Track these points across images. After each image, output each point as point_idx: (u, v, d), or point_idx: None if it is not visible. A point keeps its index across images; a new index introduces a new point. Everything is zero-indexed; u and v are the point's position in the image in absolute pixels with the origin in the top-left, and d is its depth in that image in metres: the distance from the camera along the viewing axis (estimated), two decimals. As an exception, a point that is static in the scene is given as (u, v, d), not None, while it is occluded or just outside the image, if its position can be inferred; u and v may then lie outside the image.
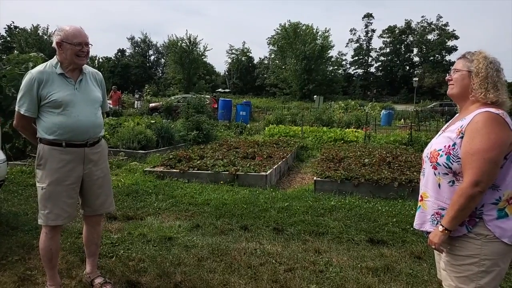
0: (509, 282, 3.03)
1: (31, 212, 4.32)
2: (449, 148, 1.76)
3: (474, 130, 1.68)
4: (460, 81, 1.85)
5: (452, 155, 1.74)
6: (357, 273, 3.11)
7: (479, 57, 1.80)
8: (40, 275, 2.91)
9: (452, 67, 1.92)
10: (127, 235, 3.81)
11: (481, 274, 1.72)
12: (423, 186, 1.94)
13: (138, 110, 20.13)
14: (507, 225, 1.70)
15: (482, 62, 1.78)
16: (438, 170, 1.80)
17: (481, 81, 1.76)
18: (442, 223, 1.75)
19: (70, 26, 2.54)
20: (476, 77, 1.78)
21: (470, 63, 1.82)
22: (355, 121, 16.50)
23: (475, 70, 1.78)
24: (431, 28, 61.14)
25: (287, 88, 52.54)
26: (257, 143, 9.62)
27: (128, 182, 5.88)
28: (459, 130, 1.75)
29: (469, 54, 1.86)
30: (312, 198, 5.32)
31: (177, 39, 48.56)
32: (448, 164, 1.75)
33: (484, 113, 1.69)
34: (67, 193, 2.57)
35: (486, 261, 1.71)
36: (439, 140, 1.86)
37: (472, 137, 1.68)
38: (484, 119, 1.68)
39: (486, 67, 1.76)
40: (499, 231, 1.69)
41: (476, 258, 1.72)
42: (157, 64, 71.19)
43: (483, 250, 1.71)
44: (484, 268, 1.72)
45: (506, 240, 1.70)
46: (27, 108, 2.50)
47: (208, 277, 3.00)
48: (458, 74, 1.86)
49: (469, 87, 1.81)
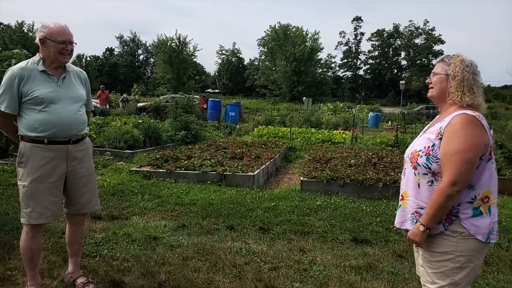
0: (486, 279, 3.10)
1: (12, 212, 4.26)
2: (428, 149, 1.81)
3: (452, 132, 1.74)
4: (438, 84, 1.91)
5: (432, 156, 1.79)
6: (340, 272, 3.14)
7: (456, 61, 1.85)
8: (21, 275, 2.87)
9: (432, 71, 1.98)
10: (112, 235, 3.78)
11: (456, 270, 1.78)
12: (403, 185, 1.98)
13: (125, 110, 19.97)
14: (481, 223, 1.76)
15: (458, 66, 1.83)
16: (418, 170, 1.85)
17: (457, 84, 1.82)
18: (422, 222, 1.79)
19: (54, 23, 2.52)
20: (452, 80, 1.84)
21: (447, 67, 1.87)
22: (343, 123, 16.61)
23: (452, 74, 1.84)
24: (418, 32, 62.14)
25: (277, 90, 52.71)
26: (245, 143, 9.63)
27: (114, 182, 5.82)
28: (438, 132, 1.81)
29: (447, 57, 1.92)
30: (299, 198, 5.35)
31: (167, 39, 48.25)
32: (428, 165, 1.80)
33: (461, 115, 1.75)
34: (50, 191, 2.54)
35: (461, 257, 1.77)
36: (420, 141, 1.92)
37: (450, 139, 1.74)
38: (461, 121, 1.74)
39: (462, 70, 1.82)
40: (474, 229, 1.75)
41: (452, 255, 1.78)
42: (146, 64, 70.70)
43: (458, 247, 1.76)
44: (459, 264, 1.77)
45: (480, 237, 1.75)
46: (8, 105, 2.47)
47: (193, 276, 3.00)
48: (437, 78, 1.92)
49: (446, 90, 1.87)
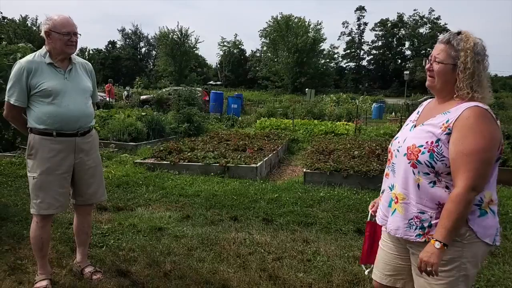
0: (491, 271, 3.13)
1: (21, 203, 4.32)
2: (432, 144, 1.57)
3: (466, 128, 1.51)
4: (442, 76, 1.62)
5: (436, 153, 1.55)
6: (344, 262, 3.18)
7: (467, 47, 1.56)
8: (31, 264, 2.93)
9: (433, 53, 1.66)
10: (118, 226, 3.84)
11: (462, 278, 1.58)
12: (399, 186, 1.70)
13: (128, 103, 20.09)
14: (487, 223, 1.57)
15: (470, 55, 1.55)
16: (418, 169, 1.60)
17: (468, 78, 1.56)
18: (438, 238, 1.50)
19: (58, 15, 2.54)
20: (462, 73, 1.57)
21: (455, 53, 1.58)
22: (346, 114, 16.60)
23: (463, 66, 1.56)
24: (423, 21, 61.52)
25: (279, 81, 52.50)
26: (248, 135, 9.65)
27: (119, 174, 5.88)
28: (445, 126, 1.56)
29: (454, 39, 1.60)
30: (302, 189, 5.39)
31: (169, 31, 48.13)
32: (431, 163, 1.56)
33: (474, 108, 1.53)
34: (58, 182, 2.59)
35: (467, 264, 1.57)
36: (417, 134, 1.66)
37: (465, 136, 1.50)
38: (476, 114, 1.51)
39: (474, 60, 1.55)
40: (481, 231, 1.55)
41: (457, 262, 1.57)
42: (148, 56, 70.53)
43: (464, 252, 1.56)
44: (465, 272, 1.57)
45: (487, 240, 1.57)
46: (17, 98, 2.51)
47: (198, 266, 3.05)
48: (441, 67, 1.61)
49: (452, 82, 1.61)
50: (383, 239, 1.89)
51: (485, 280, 2.96)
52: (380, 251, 1.91)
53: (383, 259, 1.86)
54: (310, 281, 2.88)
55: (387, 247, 1.85)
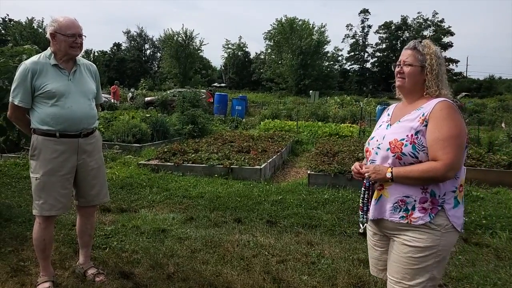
0: (498, 274, 3.08)
1: (25, 204, 4.33)
2: (412, 137, 1.73)
3: (441, 118, 1.70)
4: (412, 77, 1.84)
5: (417, 144, 1.72)
6: (348, 265, 3.15)
7: (431, 52, 1.81)
8: (33, 266, 2.93)
9: (401, 58, 1.88)
10: (121, 227, 3.82)
11: (435, 264, 1.74)
12: None
13: (133, 104, 20.17)
14: (458, 213, 1.75)
15: (434, 58, 1.80)
16: (403, 160, 1.74)
17: (435, 78, 1.79)
18: (395, 172, 1.72)
19: (63, 17, 2.55)
20: (429, 73, 1.80)
21: (422, 57, 1.81)
22: (350, 116, 16.52)
23: (429, 67, 1.80)
24: (427, 24, 61.29)
25: (283, 83, 52.43)
26: (252, 137, 9.64)
27: (123, 175, 5.88)
28: (422, 119, 1.74)
29: (420, 45, 1.85)
30: (306, 191, 5.36)
31: (173, 33, 48.23)
32: (415, 154, 1.72)
33: (444, 102, 1.73)
34: (61, 183, 2.58)
35: (442, 251, 1.74)
36: (396, 130, 1.81)
37: (440, 125, 1.69)
38: (447, 107, 1.72)
39: (437, 63, 1.80)
40: (455, 221, 1.73)
41: (434, 249, 1.73)
42: (153, 58, 70.67)
43: (442, 241, 1.72)
44: (439, 258, 1.74)
45: (459, 228, 1.75)
46: (21, 99, 2.51)
47: (201, 268, 3.03)
48: (411, 69, 1.83)
49: (421, 82, 1.83)
50: (369, 237, 2.06)
51: (492, 284, 2.92)
52: (369, 249, 2.09)
53: (374, 256, 2.05)
54: (315, 284, 2.86)
55: (374, 244, 2.02)
